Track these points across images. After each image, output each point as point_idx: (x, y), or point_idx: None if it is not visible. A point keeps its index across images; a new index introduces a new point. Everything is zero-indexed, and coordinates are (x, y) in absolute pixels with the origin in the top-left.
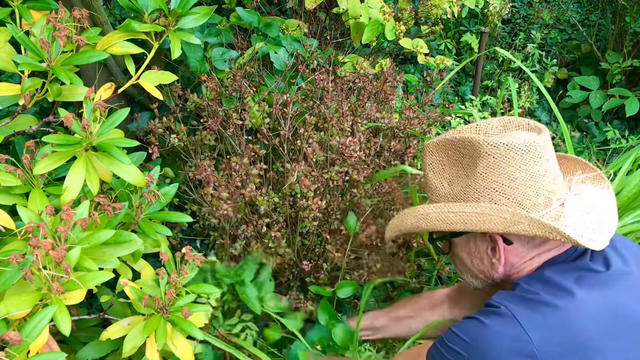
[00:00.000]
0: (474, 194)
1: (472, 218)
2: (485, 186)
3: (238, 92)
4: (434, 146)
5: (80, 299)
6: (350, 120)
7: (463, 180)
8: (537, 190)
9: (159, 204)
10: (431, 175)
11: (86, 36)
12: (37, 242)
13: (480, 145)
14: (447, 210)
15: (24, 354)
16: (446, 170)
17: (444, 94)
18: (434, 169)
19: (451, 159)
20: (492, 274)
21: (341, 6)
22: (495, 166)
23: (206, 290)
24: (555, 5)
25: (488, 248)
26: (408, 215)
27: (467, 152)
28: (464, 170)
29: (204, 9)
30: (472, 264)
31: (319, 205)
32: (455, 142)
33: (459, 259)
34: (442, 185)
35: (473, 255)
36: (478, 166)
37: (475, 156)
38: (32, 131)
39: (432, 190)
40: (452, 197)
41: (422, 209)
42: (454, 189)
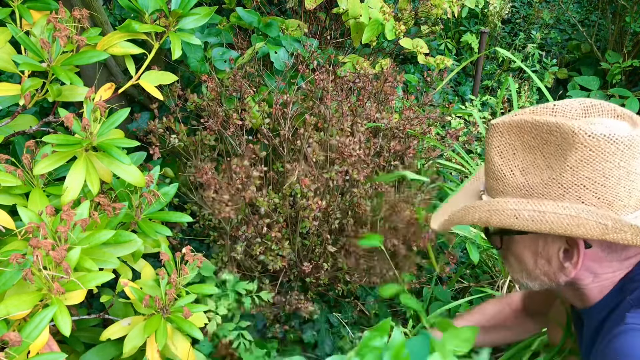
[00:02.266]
0: (558, 189)
1: (563, 221)
2: (574, 182)
3: (238, 92)
4: (504, 127)
5: (80, 299)
6: (350, 120)
7: (544, 172)
8: (630, 190)
9: (158, 204)
10: (498, 161)
11: (86, 36)
12: (37, 242)
13: (575, 133)
14: (532, 208)
15: (24, 354)
16: (518, 156)
17: (444, 94)
18: (502, 153)
19: (527, 145)
20: (558, 277)
21: (341, 6)
22: (591, 161)
23: (206, 291)
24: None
25: (560, 249)
26: (476, 209)
27: (553, 139)
28: (545, 160)
29: (205, 9)
30: (536, 264)
31: (319, 205)
32: (536, 126)
33: (517, 257)
34: (513, 174)
35: (539, 255)
36: (569, 158)
37: (566, 146)
38: (32, 131)
39: (498, 178)
40: (527, 190)
41: (495, 203)
42: (529, 180)
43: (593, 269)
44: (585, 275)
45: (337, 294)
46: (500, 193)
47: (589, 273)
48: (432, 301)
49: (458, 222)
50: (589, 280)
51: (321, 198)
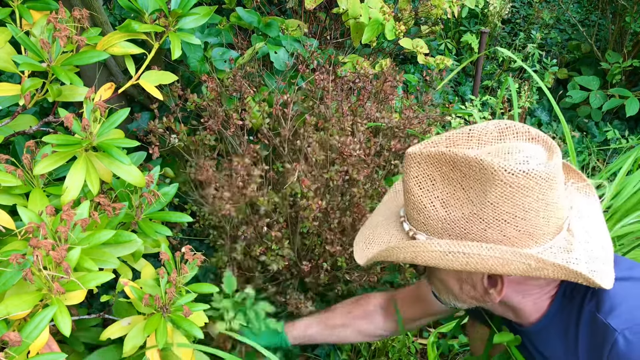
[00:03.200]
0: (480, 224)
1: (488, 262)
2: (496, 217)
3: (238, 92)
4: (421, 157)
5: (80, 299)
6: (350, 120)
7: (465, 206)
8: (548, 219)
9: (159, 204)
10: (417, 192)
11: (86, 36)
12: (37, 242)
13: (495, 171)
14: (457, 250)
15: (24, 354)
16: (438, 188)
17: (444, 94)
18: (420, 184)
19: (446, 177)
20: (485, 300)
21: (341, 6)
22: (511, 196)
23: (206, 290)
24: (555, 5)
25: (484, 277)
26: (401, 250)
27: (472, 173)
28: (466, 193)
29: (204, 9)
30: (462, 290)
31: (320, 205)
32: (455, 160)
33: (442, 283)
34: (434, 206)
35: (464, 281)
36: (489, 194)
37: (486, 182)
38: (32, 131)
39: (418, 210)
40: (449, 224)
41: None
42: (450, 213)
43: (519, 289)
44: (514, 295)
45: (337, 294)
46: (421, 224)
47: (517, 293)
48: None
49: (383, 259)
50: (518, 298)
51: (321, 198)
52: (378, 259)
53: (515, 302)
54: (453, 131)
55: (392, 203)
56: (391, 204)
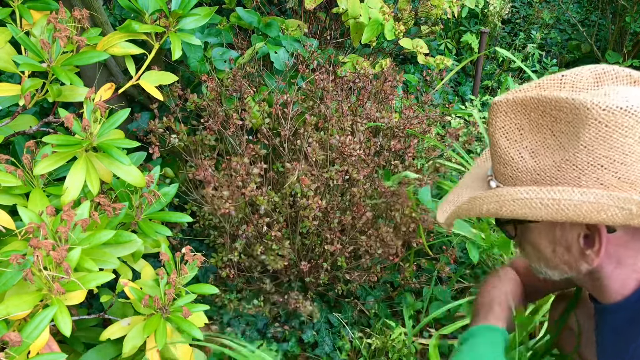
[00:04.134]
0: (573, 172)
1: (581, 208)
2: (590, 162)
3: (238, 92)
4: (508, 105)
5: (80, 300)
6: (350, 120)
7: (556, 153)
8: None
9: (159, 204)
10: (504, 143)
11: (86, 37)
12: (37, 242)
13: (588, 109)
14: (545, 196)
15: (24, 354)
16: (526, 137)
17: (444, 94)
18: (507, 134)
19: (535, 124)
20: (580, 265)
21: (341, 6)
22: (607, 137)
23: (206, 291)
24: (555, 5)
25: (580, 235)
26: (484, 201)
27: (563, 116)
28: (557, 140)
29: (205, 9)
30: (555, 253)
31: (319, 204)
32: (543, 103)
33: (533, 246)
34: (522, 157)
35: (557, 242)
36: (582, 136)
37: (578, 123)
38: (32, 131)
39: (505, 162)
40: (538, 174)
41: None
42: (540, 162)
43: (617, 254)
44: (608, 262)
45: (337, 294)
46: (509, 178)
47: (612, 260)
48: (432, 301)
49: (465, 214)
50: (610, 268)
51: (321, 197)
52: (460, 215)
53: (607, 272)
54: (544, 78)
55: (480, 168)
56: (479, 169)
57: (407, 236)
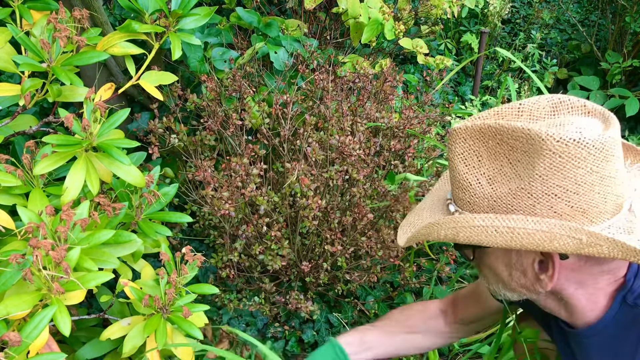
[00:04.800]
0: (528, 200)
1: (534, 237)
2: (545, 191)
3: (238, 92)
4: (467, 132)
5: (80, 299)
6: (350, 120)
7: (512, 181)
8: (605, 195)
9: (158, 204)
10: (463, 169)
11: (86, 37)
12: (37, 242)
13: (543, 140)
14: (500, 224)
15: (23, 354)
16: (484, 164)
17: (443, 94)
18: (466, 161)
19: (492, 152)
20: (536, 288)
21: (341, 6)
22: (561, 168)
23: (206, 291)
24: (555, 5)
25: (535, 261)
26: (442, 226)
27: (519, 145)
28: (513, 168)
29: (205, 9)
30: (511, 276)
31: (319, 204)
32: (501, 131)
33: (490, 270)
34: (479, 183)
35: (513, 267)
36: (537, 166)
37: (533, 153)
38: (32, 131)
39: (463, 188)
40: (494, 201)
41: (462, 220)
42: (497, 189)
43: (574, 278)
44: (567, 285)
45: (337, 293)
46: (467, 203)
47: (570, 283)
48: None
49: (423, 238)
50: (572, 289)
51: (321, 197)
52: (418, 239)
53: (569, 293)
54: (502, 106)
55: (440, 190)
56: (440, 191)
57: None
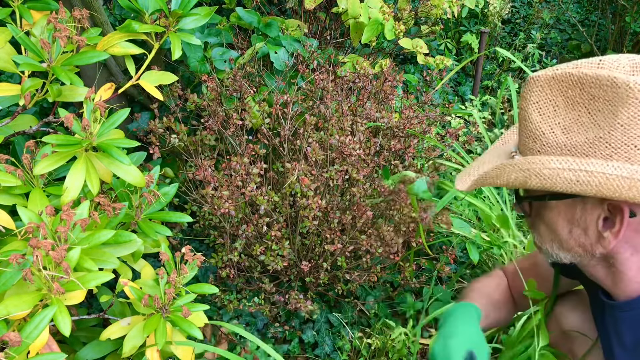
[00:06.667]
0: (605, 149)
1: (613, 182)
2: (625, 141)
3: (238, 92)
4: (546, 80)
5: (80, 299)
6: (350, 120)
7: (589, 130)
8: None
9: (158, 204)
10: (537, 118)
11: (86, 36)
12: (37, 242)
13: (630, 88)
14: (577, 167)
15: (24, 354)
16: (560, 114)
17: (443, 94)
18: (541, 109)
19: (571, 101)
20: (595, 248)
21: (341, 6)
22: None
23: (206, 291)
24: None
25: (600, 217)
26: (513, 168)
27: (602, 94)
28: (592, 117)
29: (205, 9)
30: (571, 234)
31: (319, 204)
32: (583, 80)
33: (549, 226)
34: (553, 132)
35: (575, 223)
36: (620, 114)
37: (617, 101)
38: (32, 131)
39: (535, 137)
40: (568, 150)
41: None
42: (572, 139)
43: (633, 241)
44: (624, 248)
45: (337, 293)
46: (537, 153)
47: (628, 245)
48: (432, 301)
49: (491, 182)
50: (627, 254)
51: (321, 197)
52: (485, 183)
53: (623, 258)
54: (581, 60)
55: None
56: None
57: (407, 235)
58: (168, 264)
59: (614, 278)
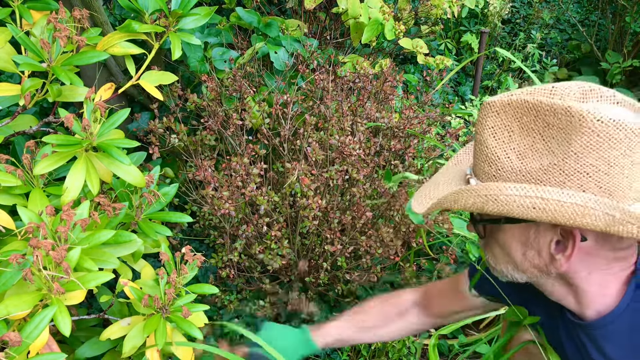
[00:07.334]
0: (559, 176)
1: (568, 210)
2: (577, 169)
3: (238, 92)
4: (501, 106)
5: (80, 300)
6: (350, 120)
7: (544, 157)
8: (631, 181)
9: (159, 204)
10: (492, 142)
11: (86, 36)
12: (37, 242)
13: (583, 117)
14: (534, 195)
15: (24, 354)
16: (515, 139)
17: (443, 94)
18: (496, 134)
19: (525, 127)
20: (549, 270)
21: (341, 6)
22: (597, 147)
23: (206, 291)
24: (555, 5)
25: (552, 241)
26: (471, 194)
27: (557, 122)
28: (546, 144)
29: (205, 9)
30: (525, 255)
31: (319, 204)
32: (538, 108)
33: (503, 248)
34: (508, 157)
35: (529, 245)
36: (573, 143)
37: (571, 130)
38: (32, 131)
39: (490, 161)
40: (524, 176)
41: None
42: (527, 165)
43: (588, 262)
44: (580, 268)
45: (337, 293)
46: (492, 177)
47: (583, 266)
48: None
49: (448, 205)
50: (584, 273)
51: (321, 197)
52: (443, 206)
53: (581, 277)
54: (535, 86)
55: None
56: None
57: (407, 236)
58: (168, 264)
59: (576, 296)
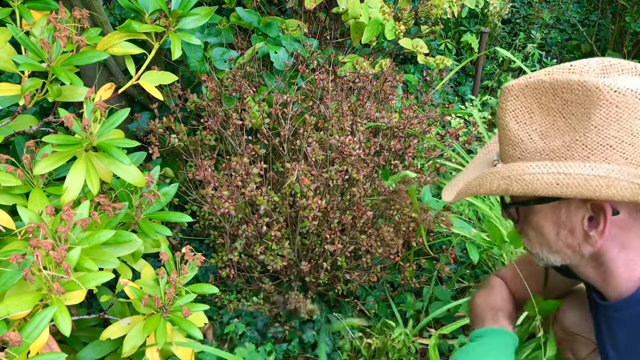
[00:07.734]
0: (582, 151)
1: (592, 182)
2: (600, 142)
3: (238, 92)
4: (520, 89)
5: (80, 299)
6: (350, 120)
7: (566, 134)
8: None
9: (159, 204)
10: (514, 126)
11: (86, 36)
12: (37, 242)
13: (599, 90)
14: (556, 170)
15: (24, 354)
16: (536, 120)
17: (443, 94)
18: (517, 117)
19: (545, 107)
20: (583, 249)
21: (341, 6)
22: (618, 118)
23: (206, 291)
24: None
25: (584, 217)
26: (494, 176)
27: (574, 98)
28: (567, 121)
29: (205, 9)
30: (558, 236)
31: (319, 204)
32: (555, 86)
33: (536, 230)
34: (531, 138)
35: (562, 225)
36: (593, 116)
37: (589, 104)
38: (32, 131)
39: (514, 144)
40: (547, 155)
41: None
42: (550, 143)
43: (620, 238)
44: (611, 246)
45: (337, 293)
46: (517, 159)
47: (615, 243)
48: (432, 301)
49: (474, 192)
50: (615, 252)
51: (321, 197)
52: (469, 192)
53: (611, 256)
54: (553, 66)
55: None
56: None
57: (407, 235)
58: (168, 264)
59: (604, 277)
